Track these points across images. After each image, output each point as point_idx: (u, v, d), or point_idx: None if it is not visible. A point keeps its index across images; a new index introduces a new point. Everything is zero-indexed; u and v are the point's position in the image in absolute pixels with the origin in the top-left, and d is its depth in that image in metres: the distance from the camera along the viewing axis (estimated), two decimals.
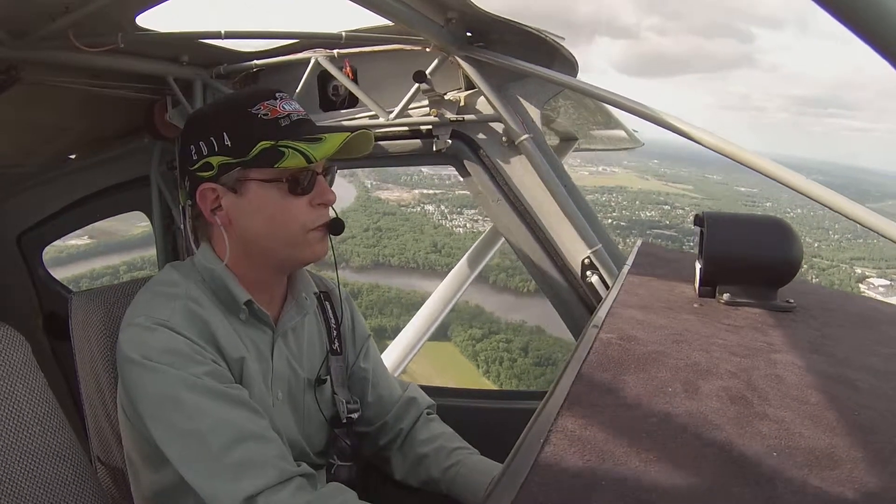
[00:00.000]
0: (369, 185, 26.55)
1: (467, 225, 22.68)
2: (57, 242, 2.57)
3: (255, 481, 0.84)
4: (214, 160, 0.95)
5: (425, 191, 25.66)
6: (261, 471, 0.86)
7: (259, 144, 0.93)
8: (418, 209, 25.10)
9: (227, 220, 0.97)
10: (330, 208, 1.02)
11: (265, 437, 0.90)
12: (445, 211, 24.42)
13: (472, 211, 22.49)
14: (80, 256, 16.00)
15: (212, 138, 0.95)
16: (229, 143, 0.94)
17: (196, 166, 0.96)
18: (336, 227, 1.01)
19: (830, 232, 26.83)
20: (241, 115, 0.95)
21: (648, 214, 26.04)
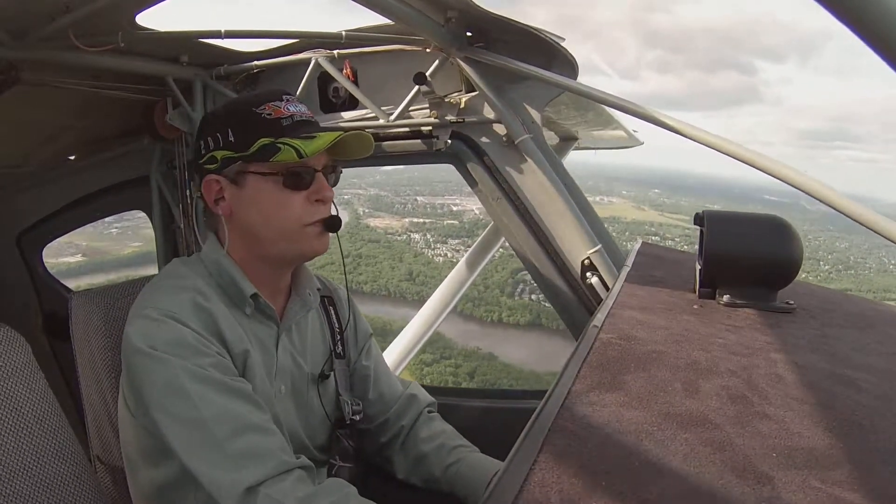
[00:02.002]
0: (361, 213, 26.72)
1: (448, 254, 22.86)
2: (49, 259, 2.58)
3: (257, 471, 0.85)
4: (219, 154, 1.00)
5: (415, 219, 25.84)
6: (262, 461, 0.87)
7: (259, 140, 0.98)
8: (404, 237, 25.29)
9: (229, 211, 1.02)
10: (332, 206, 1.04)
11: (267, 429, 0.91)
12: (431, 240, 24.55)
13: (456, 241, 22.74)
14: (68, 273, 16.08)
15: (218, 134, 1.00)
16: (233, 138, 0.99)
17: (203, 159, 1.02)
18: (333, 223, 1.03)
19: (822, 262, 27.11)
20: (246, 114, 1.00)
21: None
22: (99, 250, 18.71)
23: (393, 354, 2.44)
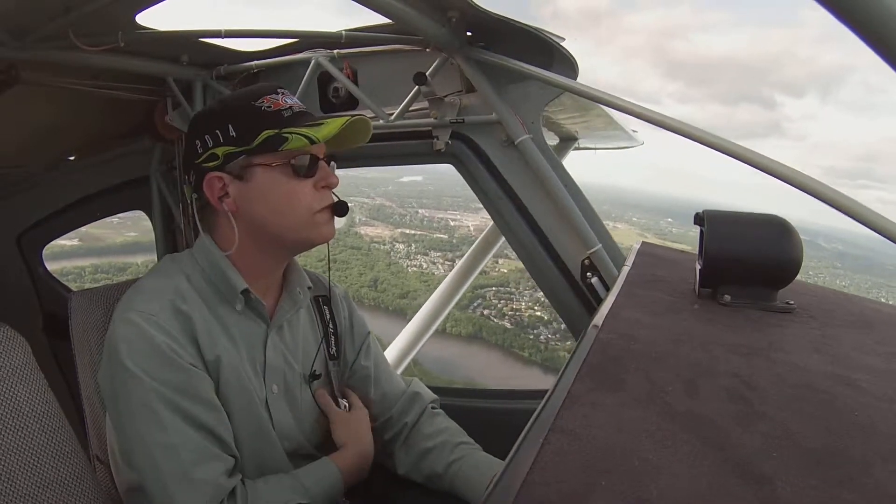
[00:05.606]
0: (357, 221, 26.35)
1: (424, 265, 22.72)
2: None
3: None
4: (220, 150, 0.98)
5: (407, 231, 25.48)
6: (204, 489, 0.89)
7: (263, 133, 0.97)
8: (388, 246, 24.99)
9: (235, 207, 1.00)
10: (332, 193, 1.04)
11: (217, 456, 0.93)
12: (413, 251, 24.24)
13: (438, 254, 22.75)
14: (62, 256, 16.18)
15: (217, 131, 0.98)
16: (234, 133, 0.97)
17: (201, 158, 1.00)
18: (341, 208, 1.03)
19: (837, 280, 26.96)
20: (245, 108, 0.99)
21: None
22: (96, 237, 18.88)
23: (392, 353, 2.45)
